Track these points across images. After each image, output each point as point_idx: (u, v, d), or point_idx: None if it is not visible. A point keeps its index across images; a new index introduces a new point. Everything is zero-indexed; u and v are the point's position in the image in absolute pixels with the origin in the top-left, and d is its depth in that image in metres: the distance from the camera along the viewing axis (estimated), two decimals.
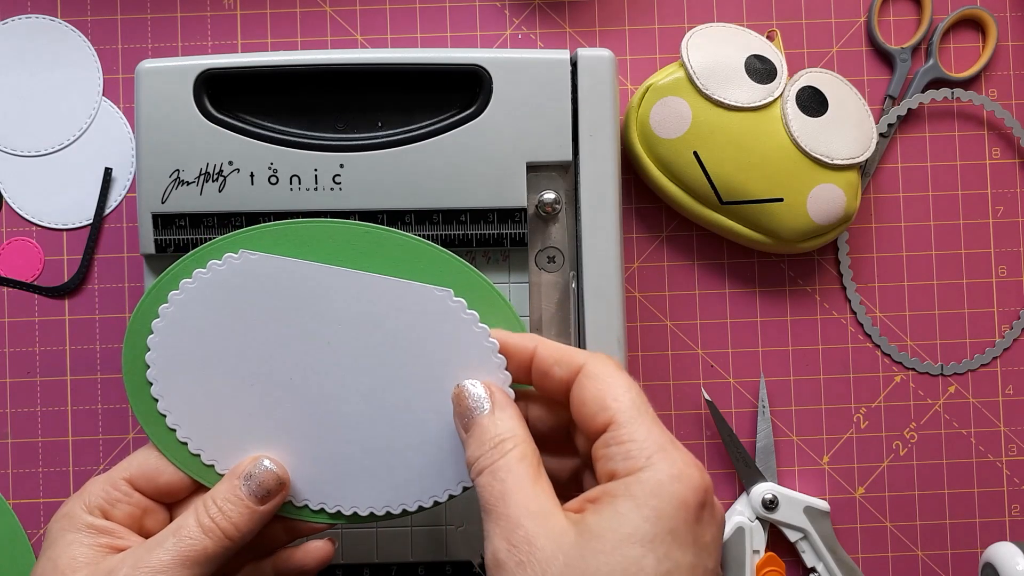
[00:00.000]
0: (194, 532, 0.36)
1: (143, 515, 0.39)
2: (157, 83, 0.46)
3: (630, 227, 0.54)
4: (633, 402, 0.34)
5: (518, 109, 0.46)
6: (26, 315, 0.53)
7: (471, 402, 0.36)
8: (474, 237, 0.46)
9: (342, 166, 0.46)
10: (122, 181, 0.53)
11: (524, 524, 0.32)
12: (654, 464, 0.32)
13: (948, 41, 0.55)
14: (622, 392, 0.34)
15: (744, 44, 0.51)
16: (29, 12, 0.54)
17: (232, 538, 0.37)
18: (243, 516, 0.37)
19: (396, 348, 0.39)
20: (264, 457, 0.38)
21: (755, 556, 0.52)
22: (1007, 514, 0.54)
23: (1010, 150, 0.55)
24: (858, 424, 0.54)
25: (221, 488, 0.38)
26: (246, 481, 0.38)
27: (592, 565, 0.31)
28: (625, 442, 0.33)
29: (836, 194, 0.50)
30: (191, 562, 0.36)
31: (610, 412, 0.34)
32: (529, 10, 0.54)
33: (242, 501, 0.37)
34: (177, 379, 0.39)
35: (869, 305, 0.54)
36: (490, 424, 0.35)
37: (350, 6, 0.54)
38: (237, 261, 0.39)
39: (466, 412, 0.36)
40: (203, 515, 0.37)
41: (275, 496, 0.38)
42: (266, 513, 0.38)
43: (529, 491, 0.33)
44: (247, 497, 0.37)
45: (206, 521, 0.36)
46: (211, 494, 0.38)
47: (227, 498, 0.37)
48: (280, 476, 0.38)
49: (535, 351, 0.37)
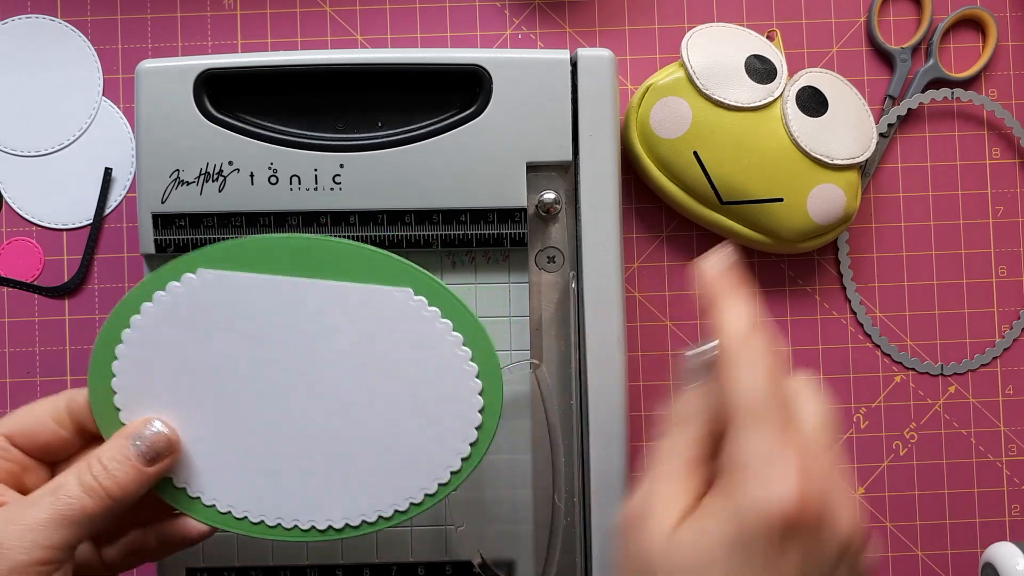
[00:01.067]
0: (74, 491, 0.35)
1: (22, 472, 0.38)
2: (157, 83, 0.46)
3: (630, 227, 0.54)
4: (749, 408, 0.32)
5: (518, 109, 0.46)
6: (26, 315, 0.53)
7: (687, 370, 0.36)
8: (474, 237, 0.46)
9: (342, 166, 0.46)
10: (122, 181, 0.53)
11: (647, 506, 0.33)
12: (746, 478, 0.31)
13: (948, 41, 0.55)
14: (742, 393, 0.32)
15: (744, 44, 0.51)
16: (29, 12, 0.54)
17: (115, 498, 0.36)
18: (129, 476, 0.36)
19: (359, 352, 0.39)
20: (155, 419, 0.38)
21: None
22: (1007, 514, 0.54)
23: (1010, 150, 0.55)
24: (858, 424, 0.54)
25: (108, 447, 0.37)
26: (135, 441, 0.37)
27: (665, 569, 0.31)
28: (731, 444, 0.32)
29: (836, 194, 0.50)
30: (68, 521, 0.35)
31: (729, 412, 0.32)
32: (529, 10, 0.54)
33: (129, 461, 0.37)
34: (143, 402, 0.39)
35: (869, 305, 0.54)
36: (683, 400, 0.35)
37: (350, 6, 0.54)
38: (195, 281, 0.39)
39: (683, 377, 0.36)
40: (86, 474, 0.36)
41: (164, 458, 0.38)
42: (153, 475, 0.37)
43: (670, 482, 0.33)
44: (135, 458, 0.37)
45: (88, 480, 0.36)
46: (97, 453, 0.37)
47: (114, 457, 0.36)
48: (170, 438, 0.38)
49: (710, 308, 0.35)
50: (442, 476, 0.39)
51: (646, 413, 0.54)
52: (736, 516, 0.30)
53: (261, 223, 0.46)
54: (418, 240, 0.46)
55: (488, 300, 0.47)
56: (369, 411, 0.39)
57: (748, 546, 0.30)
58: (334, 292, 0.39)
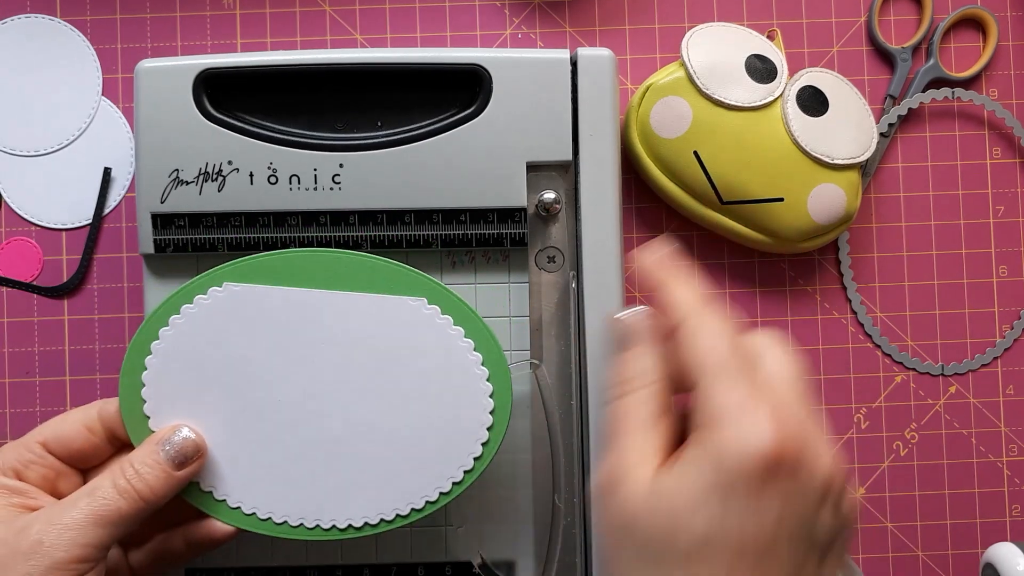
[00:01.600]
0: (109, 493, 0.37)
1: (56, 478, 0.40)
2: (156, 83, 0.46)
3: (630, 227, 0.54)
4: (714, 365, 0.33)
5: (518, 109, 0.46)
6: (25, 315, 0.53)
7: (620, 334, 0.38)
8: (474, 237, 0.46)
9: (342, 166, 0.46)
10: (121, 181, 0.53)
11: (621, 464, 0.33)
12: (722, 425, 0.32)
13: (949, 41, 0.55)
14: (703, 352, 0.34)
15: (744, 43, 0.51)
16: (28, 12, 0.54)
17: (147, 500, 0.38)
18: (159, 480, 0.38)
19: (376, 359, 0.41)
20: (183, 425, 0.40)
21: None
22: (1008, 514, 0.54)
23: (1011, 150, 0.55)
24: (858, 424, 0.54)
25: (139, 452, 0.39)
26: (164, 447, 0.39)
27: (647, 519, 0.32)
28: (700, 401, 0.33)
29: (837, 194, 0.50)
30: (104, 521, 0.37)
31: (693, 376, 0.34)
32: (529, 10, 0.54)
33: (160, 465, 0.39)
34: (171, 409, 0.41)
35: (870, 305, 0.54)
36: (627, 360, 0.37)
37: (350, 6, 0.54)
38: (221, 293, 0.41)
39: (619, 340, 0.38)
40: (119, 477, 0.38)
41: (192, 463, 0.40)
42: (182, 479, 0.39)
43: (639, 435, 0.34)
44: (165, 462, 0.39)
45: (122, 483, 0.38)
46: (129, 458, 0.39)
47: (145, 462, 0.39)
48: (198, 443, 0.40)
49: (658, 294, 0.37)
50: (456, 475, 0.41)
51: None
52: (715, 462, 0.31)
53: (260, 223, 0.46)
54: (418, 240, 0.46)
55: (488, 300, 0.47)
56: (387, 414, 0.41)
57: (729, 490, 0.31)
58: (353, 303, 0.41)
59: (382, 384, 0.41)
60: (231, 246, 0.46)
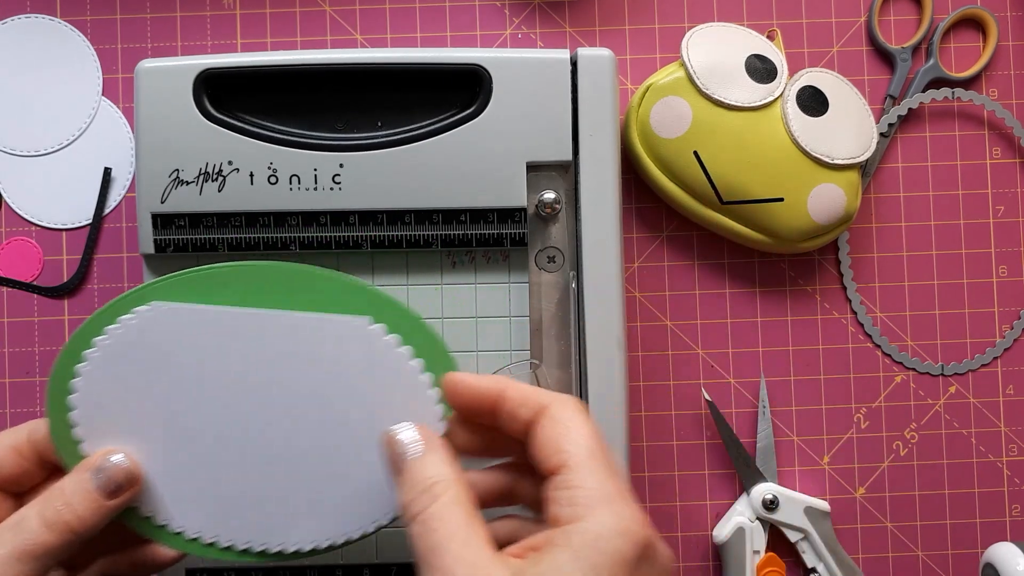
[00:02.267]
0: (34, 526, 0.35)
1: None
2: (156, 83, 0.46)
3: (630, 227, 0.54)
4: (589, 448, 0.33)
5: (518, 109, 0.46)
6: (25, 315, 0.53)
7: (401, 447, 0.35)
8: (474, 237, 0.46)
9: (342, 166, 0.46)
10: (121, 181, 0.53)
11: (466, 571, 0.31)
12: (597, 515, 0.32)
13: (948, 41, 0.55)
14: (579, 436, 0.34)
15: (744, 44, 0.51)
16: (28, 12, 0.54)
17: (76, 532, 0.36)
18: (89, 510, 0.36)
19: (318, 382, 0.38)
20: (115, 451, 0.38)
21: (755, 556, 0.52)
22: (1007, 514, 0.54)
23: (1010, 150, 0.55)
24: (858, 424, 0.54)
25: (69, 481, 0.37)
26: (96, 475, 0.37)
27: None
28: (573, 487, 0.33)
29: (837, 194, 0.50)
30: (28, 556, 0.35)
31: (564, 455, 0.33)
32: (529, 10, 0.54)
33: (90, 494, 0.36)
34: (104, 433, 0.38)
35: (869, 305, 0.54)
36: (421, 467, 0.34)
37: (350, 6, 0.54)
38: (148, 312, 0.38)
39: (397, 457, 0.36)
40: (47, 508, 0.36)
41: (125, 491, 0.37)
42: (114, 508, 0.37)
43: (462, 540, 0.32)
44: (96, 491, 0.36)
45: (49, 514, 0.35)
46: (59, 486, 0.36)
47: (75, 491, 0.36)
48: (131, 471, 0.37)
49: (503, 393, 0.36)
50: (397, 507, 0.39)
51: (646, 413, 0.54)
52: (594, 546, 0.31)
53: (260, 223, 0.46)
54: (418, 240, 0.46)
55: (488, 300, 0.47)
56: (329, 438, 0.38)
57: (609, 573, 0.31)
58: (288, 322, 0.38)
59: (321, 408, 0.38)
60: (231, 246, 0.46)
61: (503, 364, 0.47)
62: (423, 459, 0.35)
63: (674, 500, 0.54)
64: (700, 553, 0.54)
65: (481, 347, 0.47)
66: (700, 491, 0.54)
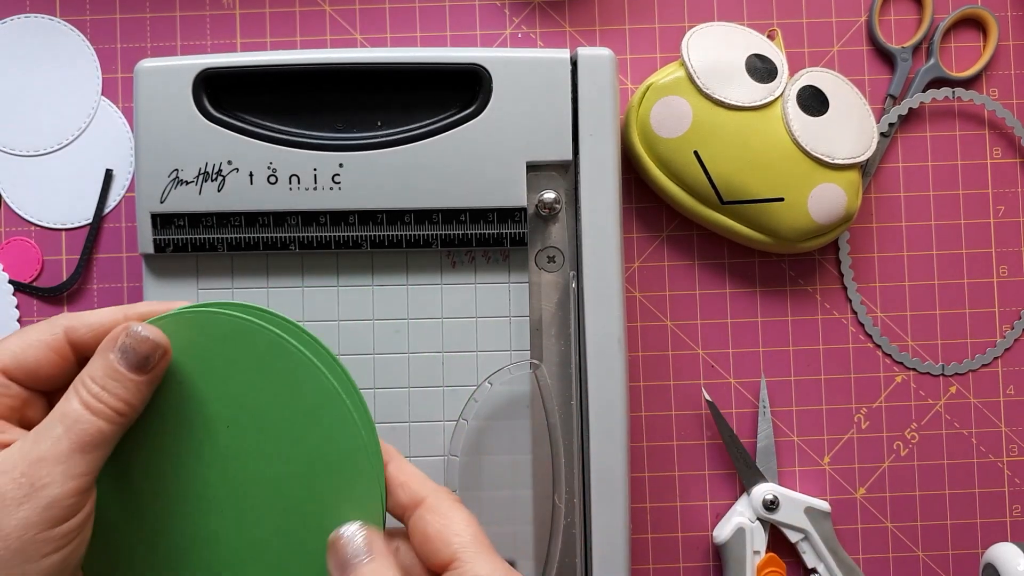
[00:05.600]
0: (84, 416, 0.34)
1: (23, 406, 0.37)
2: (156, 82, 0.46)
3: (630, 227, 0.54)
4: (475, 537, 0.35)
5: (518, 108, 0.46)
6: (25, 315, 0.53)
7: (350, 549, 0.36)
8: (474, 237, 0.46)
9: (341, 165, 0.46)
10: (121, 181, 0.53)
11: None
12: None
13: (949, 40, 0.55)
14: (463, 527, 0.35)
15: (745, 43, 0.51)
16: (28, 11, 0.54)
17: (126, 414, 0.35)
18: (128, 390, 0.35)
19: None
20: (134, 323, 0.36)
21: (756, 557, 0.52)
22: (1008, 515, 0.54)
23: (1011, 150, 0.55)
24: (859, 424, 0.54)
25: (97, 365, 0.35)
26: (123, 354, 0.35)
27: None
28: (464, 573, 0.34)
29: (837, 194, 0.50)
30: (90, 446, 0.34)
31: (453, 547, 0.35)
32: (529, 9, 0.54)
33: (122, 375, 0.35)
34: None
35: (870, 305, 0.54)
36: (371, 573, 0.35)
37: (349, 5, 0.54)
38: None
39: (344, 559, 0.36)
40: (87, 396, 0.34)
41: (157, 361, 0.36)
42: (153, 380, 0.36)
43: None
44: (127, 369, 0.35)
45: (93, 402, 0.34)
46: (89, 373, 0.35)
47: (107, 375, 0.35)
48: (155, 340, 0.35)
49: (387, 466, 0.37)
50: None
51: (646, 413, 0.54)
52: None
53: (260, 223, 0.46)
54: (418, 240, 0.46)
55: (488, 300, 0.47)
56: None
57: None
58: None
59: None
60: (231, 246, 0.46)
61: (503, 364, 0.47)
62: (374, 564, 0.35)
63: (674, 500, 0.54)
64: (700, 553, 0.54)
65: (481, 347, 0.47)
66: (700, 491, 0.54)
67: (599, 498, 0.46)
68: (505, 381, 0.47)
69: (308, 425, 0.37)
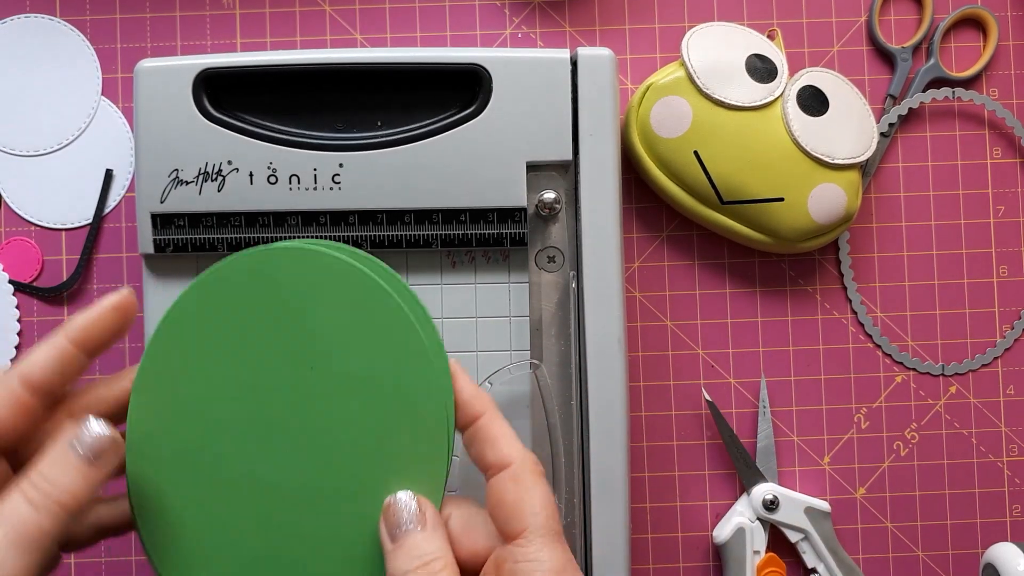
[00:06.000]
0: (24, 510, 0.33)
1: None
2: (156, 82, 0.46)
3: (630, 227, 0.54)
4: (547, 520, 0.35)
5: (518, 108, 0.46)
6: (25, 315, 0.53)
7: (403, 515, 0.36)
8: (474, 237, 0.46)
9: (341, 166, 0.46)
10: (121, 181, 0.53)
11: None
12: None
13: (949, 40, 0.55)
14: (540, 507, 0.35)
15: (745, 43, 0.51)
16: (28, 11, 0.54)
17: (69, 509, 0.33)
18: (77, 484, 0.34)
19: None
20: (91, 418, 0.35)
21: (756, 557, 0.52)
22: (1008, 514, 0.54)
23: (1011, 150, 0.55)
24: (859, 424, 0.54)
25: (48, 457, 0.34)
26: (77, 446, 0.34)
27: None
28: (531, 560, 0.35)
29: (837, 194, 0.50)
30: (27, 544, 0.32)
31: (525, 524, 0.35)
32: (529, 9, 0.54)
33: (75, 467, 0.34)
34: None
35: (870, 305, 0.54)
36: (421, 542, 0.36)
37: (349, 5, 0.54)
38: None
39: (396, 524, 0.36)
40: (30, 490, 0.33)
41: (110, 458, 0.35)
42: (102, 477, 0.35)
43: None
44: (81, 462, 0.34)
45: (37, 497, 0.33)
46: (37, 466, 0.34)
47: (58, 466, 0.34)
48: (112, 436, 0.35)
49: (480, 419, 0.37)
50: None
51: (646, 413, 0.54)
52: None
53: (260, 223, 0.46)
54: (418, 240, 0.46)
55: (488, 300, 0.47)
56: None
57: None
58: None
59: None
60: (231, 246, 0.46)
61: (503, 364, 0.47)
62: (425, 533, 0.36)
63: (674, 500, 0.54)
64: (700, 553, 0.54)
65: (481, 347, 0.47)
66: (700, 491, 0.54)
67: (599, 498, 0.46)
68: (505, 381, 0.47)
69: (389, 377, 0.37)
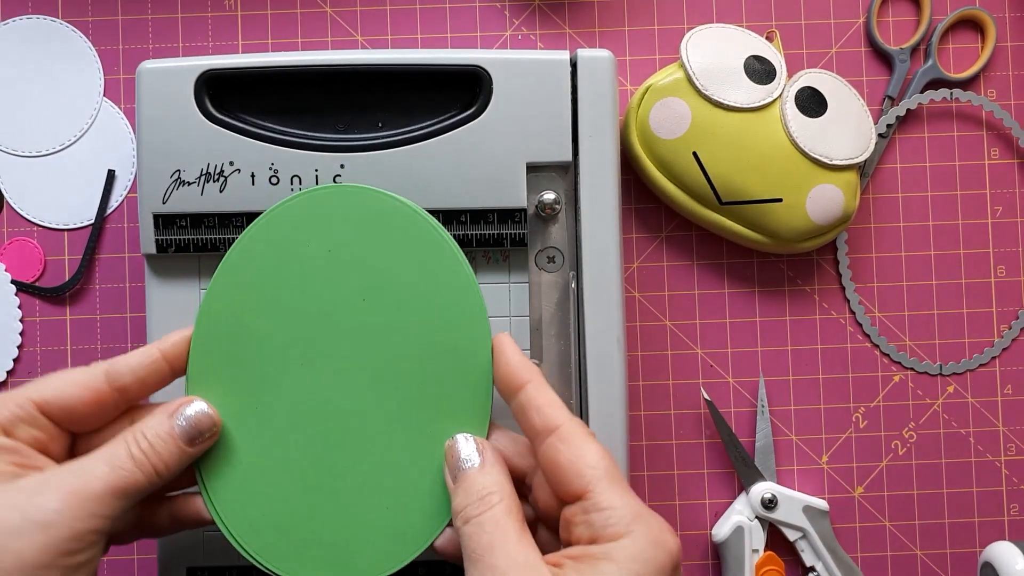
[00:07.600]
0: (127, 463, 0.36)
1: (48, 441, 0.38)
2: (158, 83, 0.46)
3: (630, 227, 0.54)
4: (607, 470, 0.35)
5: (518, 110, 0.46)
6: (27, 315, 0.53)
7: (462, 455, 0.38)
8: (474, 237, 0.46)
9: (343, 166, 0.46)
10: (123, 181, 0.54)
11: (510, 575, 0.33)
12: (633, 532, 0.34)
13: (947, 41, 0.55)
14: (597, 460, 0.36)
15: (743, 45, 0.51)
16: (30, 12, 0.54)
17: (161, 475, 0.37)
18: (172, 455, 0.37)
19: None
20: (198, 399, 0.39)
21: (754, 555, 0.52)
22: (1006, 513, 0.54)
23: (1009, 150, 0.55)
24: (857, 424, 0.54)
25: (152, 423, 0.37)
26: (178, 419, 0.38)
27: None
28: (604, 509, 0.35)
29: (835, 194, 0.50)
30: (122, 492, 0.35)
31: (586, 479, 0.35)
32: (529, 11, 0.54)
33: (173, 440, 0.37)
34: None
35: (868, 305, 0.54)
36: (479, 477, 0.37)
37: (350, 7, 0.54)
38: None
39: (456, 464, 0.38)
40: (134, 447, 0.36)
41: (206, 440, 0.38)
42: (194, 455, 0.38)
43: (515, 543, 0.34)
44: (179, 437, 0.37)
45: (139, 455, 0.36)
46: (142, 428, 0.37)
47: (158, 434, 0.37)
48: (213, 418, 0.38)
49: (526, 387, 0.38)
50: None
51: (645, 412, 0.54)
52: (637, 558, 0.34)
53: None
54: None
55: (488, 300, 0.47)
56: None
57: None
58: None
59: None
60: None
61: None
62: (483, 469, 0.37)
63: (673, 499, 0.54)
64: (699, 552, 0.54)
65: None
66: (699, 490, 0.54)
67: None
68: None
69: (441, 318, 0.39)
